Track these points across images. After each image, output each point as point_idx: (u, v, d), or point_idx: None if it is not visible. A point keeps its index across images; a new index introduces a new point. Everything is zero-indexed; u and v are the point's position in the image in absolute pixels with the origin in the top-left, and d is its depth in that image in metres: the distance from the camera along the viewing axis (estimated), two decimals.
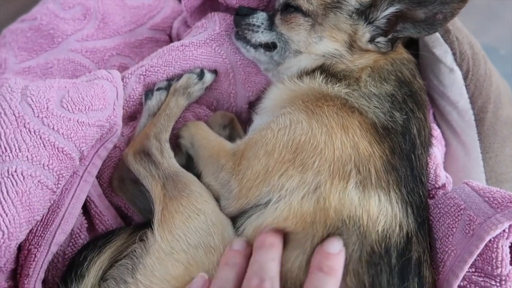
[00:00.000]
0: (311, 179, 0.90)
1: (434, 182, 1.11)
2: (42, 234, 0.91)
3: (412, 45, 1.29)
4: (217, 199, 1.00)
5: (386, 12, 1.07)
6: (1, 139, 0.85)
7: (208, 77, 1.25)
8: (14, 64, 1.28)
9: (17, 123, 0.89)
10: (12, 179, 0.81)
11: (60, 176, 0.91)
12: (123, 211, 1.15)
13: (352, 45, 1.11)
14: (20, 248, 0.90)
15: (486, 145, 1.24)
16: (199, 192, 0.99)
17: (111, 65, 1.35)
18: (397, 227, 0.90)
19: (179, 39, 1.46)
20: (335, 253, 0.81)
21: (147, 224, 1.00)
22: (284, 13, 1.16)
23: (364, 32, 1.10)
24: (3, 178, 0.81)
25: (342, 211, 0.86)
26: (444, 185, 1.14)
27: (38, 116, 0.92)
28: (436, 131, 1.26)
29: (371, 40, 1.10)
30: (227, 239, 0.93)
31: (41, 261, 0.88)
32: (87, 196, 1.05)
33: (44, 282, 0.90)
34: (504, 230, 0.87)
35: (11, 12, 1.76)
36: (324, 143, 0.93)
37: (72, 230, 1.00)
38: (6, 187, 0.80)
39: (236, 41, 1.24)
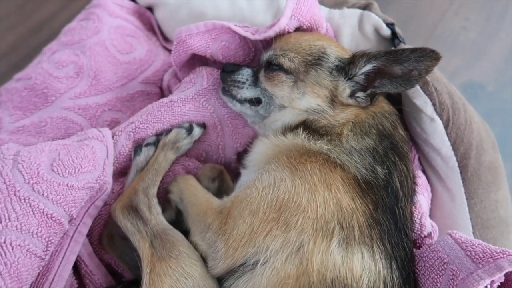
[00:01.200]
0: (294, 239, 0.92)
1: (419, 232, 1.13)
2: None
3: (395, 95, 1.33)
4: (205, 259, 1.02)
5: (364, 69, 1.11)
6: None
7: (197, 131, 1.28)
8: (9, 124, 1.32)
9: (8, 192, 0.92)
10: (1, 250, 0.83)
11: (49, 242, 0.93)
12: (113, 268, 1.16)
13: (333, 100, 1.15)
14: None
15: (471, 191, 1.26)
16: (187, 254, 1.00)
17: (103, 120, 1.39)
18: (381, 284, 0.91)
19: (169, 91, 1.51)
20: None
21: (136, 282, 1.01)
22: (267, 70, 1.21)
23: (344, 88, 1.14)
24: None
25: (326, 273, 0.87)
26: (430, 234, 1.15)
27: (28, 183, 0.95)
28: (421, 178, 1.28)
29: (351, 95, 1.14)
30: None
31: None
32: (78, 255, 1.07)
33: None
34: (486, 287, 0.88)
35: (9, 66, 1.84)
36: (307, 201, 0.95)
37: None
38: None
39: (223, 96, 1.29)
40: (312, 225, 0.93)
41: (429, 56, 1.03)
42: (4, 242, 0.85)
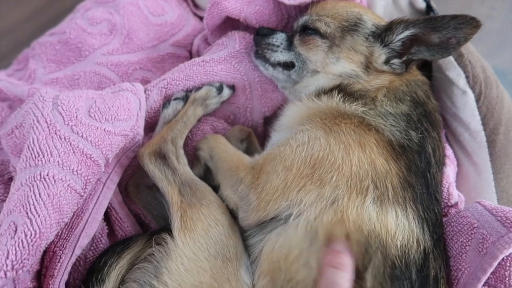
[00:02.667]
0: (328, 194, 0.93)
1: (447, 201, 1.14)
2: (67, 237, 0.94)
3: (426, 67, 1.33)
4: (235, 211, 1.03)
5: (401, 35, 1.11)
6: (35, 145, 0.90)
7: (226, 92, 1.29)
8: (43, 75, 1.34)
9: (49, 130, 0.93)
10: (44, 182, 0.85)
11: (88, 181, 0.95)
12: (141, 218, 1.18)
13: (368, 66, 1.15)
14: (45, 250, 0.93)
15: (497, 166, 1.26)
16: (217, 203, 1.02)
17: (134, 78, 1.40)
18: (415, 243, 0.92)
19: (199, 56, 1.52)
20: (343, 251, 0.84)
21: (162, 230, 1.02)
22: (302, 35, 1.21)
23: (380, 54, 1.14)
24: (36, 181, 0.85)
25: (362, 226, 0.88)
26: (456, 204, 1.16)
27: (68, 124, 0.97)
28: (449, 151, 1.29)
29: (387, 61, 1.14)
30: (240, 254, 0.96)
31: (66, 263, 0.91)
32: (109, 202, 1.08)
33: (66, 284, 0.92)
34: None
35: (39, 25, 1.85)
36: (342, 159, 0.96)
37: (94, 235, 1.03)
38: (38, 190, 0.84)
39: (255, 60, 1.29)
40: (347, 182, 0.94)
41: (470, 24, 1.03)
42: (47, 174, 0.86)
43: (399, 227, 0.91)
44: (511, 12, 2.25)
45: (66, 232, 0.95)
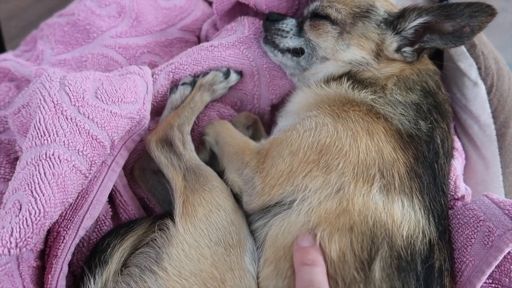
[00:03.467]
0: (334, 180, 0.92)
1: (453, 193, 1.12)
2: (71, 218, 0.95)
3: (436, 57, 1.30)
4: (240, 196, 1.03)
5: (414, 23, 1.09)
6: (41, 124, 0.89)
7: (234, 77, 1.28)
8: (51, 56, 1.33)
9: (55, 110, 0.93)
10: (49, 161, 0.85)
11: (93, 162, 0.94)
12: (145, 202, 1.18)
13: (379, 53, 1.13)
14: (48, 230, 0.94)
15: (506, 160, 1.24)
16: (220, 188, 1.01)
17: (141, 61, 1.39)
18: (420, 234, 0.91)
19: (207, 41, 1.50)
20: (311, 246, 0.84)
21: (166, 215, 1.02)
22: (312, 21, 1.19)
23: (392, 42, 1.12)
24: (41, 160, 0.85)
25: (367, 215, 0.87)
26: (463, 197, 1.15)
27: (74, 105, 0.96)
28: (458, 143, 1.27)
29: (398, 49, 1.12)
30: (243, 240, 0.95)
31: (69, 243, 0.91)
32: (113, 185, 1.08)
33: (69, 264, 0.93)
34: None
35: (48, 7, 1.85)
36: (349, 146, 0.95)
37: (98, 217, 1.03)
38: (43, 169, 0.84)
39: (264, 45, 1.28)
40: (353, 169, 0.93)
41: (485, 11, 1.01)
42: (53, 154, 0.86)
43: (405, 217, 0.90)
44: None
45: (70, 213, 0.95)
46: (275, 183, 0.96)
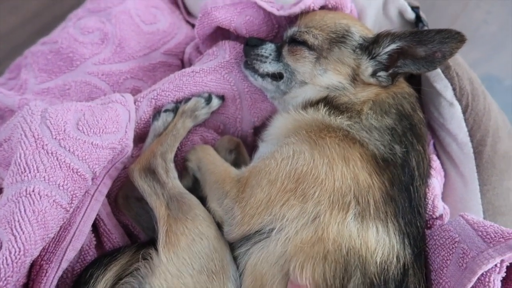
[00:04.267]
0: (311, 209, 0.94)
1: (431, 213, 1.15)
2: (53, 251, 0.96)
3: (414, 78, 1.34)
4: (221, 225, 1.04)
5: (387, 48, 1.12)
6: (21, 160, 0.91)
7: (215, 102, 1.30)
8: (34, 85, 1.35)
9: (36, 145, 0.95)
10: (30, 198, 0.87)
11: (74, 196, 0.96)
12: (130, 230, 1.19)
13: (355, 78, 1.16)
14: (32, 263, 0.95)
15: (484, 177, 1.27)
16: (203, 216, 1.03)
17: (125, 87, 1.41)
18: (395, 259, 0.93)
19: (190, 64, 1.53)
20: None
21: (150, 243, 1.04)
22: (290, 46, 1.22)
23: (367, 67, 1.15)
24: (21, 197, 0.87)
25: (342, 243, 0.89)
26: (441, 216, 1.17)
27: (55, 138, 0.98)
28: (436, 162, 1.30)
29: (373, 74, 1.15)
30: (226, 267, 0.97)
31: (52, 276, 0.93)
32: (97, 214, 1.10)
33: None
34: (496, 265, 0.90)
35: (32, 32, 1.86)
36: (325, 174, 0.97)
37: (82, 247, 1.05)
38: (24, 206, 0.85)
39: (245, 70, 1.30)
40: (329, 197, 0.95)
41: (455, 38, 1.03)
42: (33, 191, 0.88)
43: (379, 243, 0.92)
44: (506, 17, 2.25)
45: (53, 246, 0.96)
46: (254, 213, 0.98)
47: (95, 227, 1.12)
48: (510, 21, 2.25)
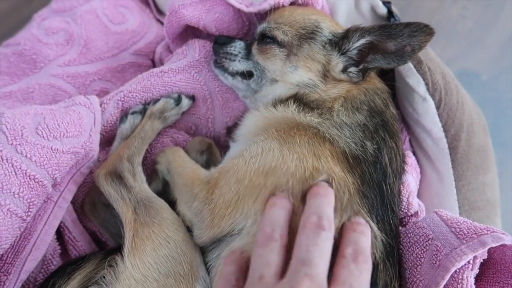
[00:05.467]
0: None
1: (406, 210, 1.13)
2: (12, 262, 0.92)
3: (388, 74, 1.32)
4: (191, 228, 1.01)
5: (357, 43, 1.10)
6: None
7: (185, 102, 1.27)
8: None
9: None
10: None
11: (31, 203, 0.92)
12: (97, 236, 1.15)
13: (326, 74, 1.14)
14: None
15: (459, 172, 1.26)
16: (170, 220, 1.00)
17: (92, 89, 1.36)
18: None
19: (161, 64, 1.49)
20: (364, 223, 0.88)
21: (118, 249, 1.00)
22: (260, 43, 1.19)
23: (337, 63, 1.12)
24: None
25: None
26: (416, 213, 1.16)
27: (11, 144, 0.94)
28: (411, 159, 1.28)
29: (344, 70, 1.13)
30: (195, 268, 0.93)
31: None
32: (61, 221, 1.06)
33: None
34: (469, 262, 0.89)
35: (2, 33, 1.80)
36: (295, 167, 0.93)
37: (45, 256, 1.00)
38: None
39: (215, 69, 1.27)
40: (303, 185, 0.91)
41: (423, 31, 1.02)
42: None
43: None
44: (483, 12, 2.25)
45: (12, 256, 0.92)
46: (224, 214, 0.95)
47: (60, 235, 1.08)
48: (487, 16, 2.25)
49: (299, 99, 1.11)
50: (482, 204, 1.26)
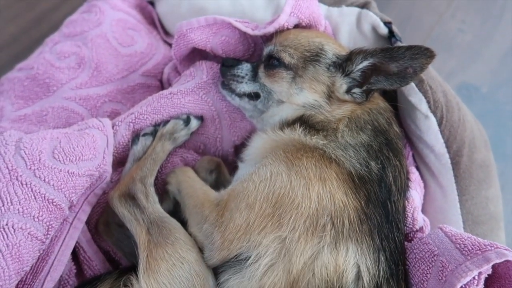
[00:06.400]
0: (285, 235, 0.94)
1: (411, 226, 1.16)
2: (31, 283, 0.95)
3: (390, 93, 1.36)
4: (201, 250, 1.04)
5: (360, 65, 1.14)
6: None
7: (194, 123, 1.31)
8: (11, 112, 1.34)
9: (10, 176, 0.94)
10: (3, 232, 0.86)
11: (50, 226, 0.95)
12: (111, 255, 1.18)
13: (330, 95, 1.17)
14: None
15: (462, 187, 1.29)
16: (183, 240, 1.03)
17: (103, 111, 1.41)
18: (367, 277, 0.94)
19: (169, 84, 1.53)
20: None
21: (132, 269, 1.03)
22: (267, 66, 1.23)
23: (341, 84, 1.16)
24: None
25: (313, 276, 0.91)
26: (421, 228, 1.18)
27: (30, 168, 0.97)
28: (414, 174, 1.31)
29: (348, 91, 1.16)
30: None
31: None
32: (76, 241, 1.09)
33: None
34: (474, 277, 0.91)
35: (10, 57, 1.85)
36: (302, 197, 0.97)
37: (61, 276, 1.04)
38: None
39: (222, 90, 1.31)
40: (305, 222, 0.95)
41: (424, 54, 1.05)
42: (6, 224, 0.87)
43: (349, 264, 0.93)
44: (481, 26, 2.30)
45: (31, 277, 0.95)
46: (234, 238, 0.98)
47: (75, 255, 1.11)
48: (485, 29, 2.30)
49: (305, 122, 1.14)
50: (486, 218, 1.29)
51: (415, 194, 1.25)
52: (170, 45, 1.66)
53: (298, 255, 0.91)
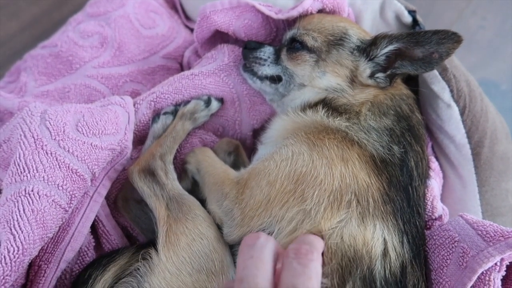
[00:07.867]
0: (309, 208, 0.94)
1: (430, 214, 1.15)
2: (52, 251, 0.96)
3: (412, 80, 1.35)
4: (220, 226, 1.04)
5: (385, 50, 1.13)
6: (21, 160, 0.91)
7: (215, 104, 1.31)
8: (34, 88, 1.36)
9: (35, 145, 0.95)
10: (29, 197, 0.87)
11: (73, 196, 0.96)
12: (128, 231, 1.19)
13: (353, 80, 1.17)
14: (30, 264, 0.94)
15: (482, 179, 1.28)
16: (203, 217, 1.03)
17: (124, 91, 1.42)
18: (393, 256, 0.93)
19: (189, 67, 1.54)
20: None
21: (150, 244, 1.04)
22: (289, 49, 1.23)
23: (365, 68, 1.16)
24: (20, 197, 0.86)
25: (342, 239, 0.90)
26: (440, 217, 1.17)
27: (55, 139, 0.98)
28: (434, 164, 1.30)
29: (371, 75, 1.16)
30: (226, 268, 0.96)
31: (50, 277, 0.92)
32: (96, 215, 1.10)
33: None
34: (496, 264, 0.90)
35: (31, 38, 1.87)
36: (324, 174, 0.97)
37: (80, 248, 1.04)
38: (22, 206, 0.85)
39: (244, 73, 1.31)
40: (329, 197, 0.95)
41: (451, 39, 1.04)
42: (32, 190, 0.88)
43: (378, 240, 0.92)
44: (502, 23, 2.27)
45: (52, 246, 0.96)
46: (254, 214, 0.98)
47: (94, 229, 1.12)
48: (506, 26, 2.27)
49: (328, 104, 1.14)
50: (505, 210, 1.28)
51: (435, 183, 1.24)
52: (190, 29, 1.67)
53: (325, 220, 0.91)
